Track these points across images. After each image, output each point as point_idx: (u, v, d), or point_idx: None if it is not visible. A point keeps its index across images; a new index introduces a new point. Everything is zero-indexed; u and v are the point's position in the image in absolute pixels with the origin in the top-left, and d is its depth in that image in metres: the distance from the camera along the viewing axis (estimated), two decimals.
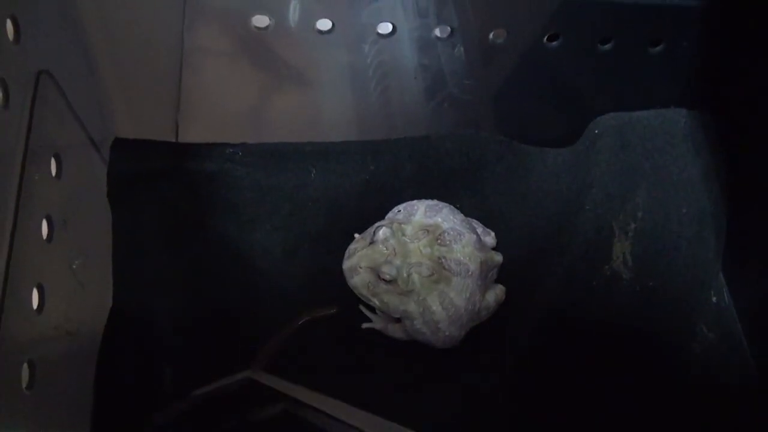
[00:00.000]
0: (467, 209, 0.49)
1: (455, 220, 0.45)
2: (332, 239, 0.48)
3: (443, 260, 0.42)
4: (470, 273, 0.43)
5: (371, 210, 0.48)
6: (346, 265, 0.43)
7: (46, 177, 0.35)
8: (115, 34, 0.44)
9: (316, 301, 0.46)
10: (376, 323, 0.46)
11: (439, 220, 0.44)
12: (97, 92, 0.45)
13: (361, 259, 0.42)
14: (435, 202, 0.47)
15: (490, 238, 0.48)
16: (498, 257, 0.46)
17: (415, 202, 0.47)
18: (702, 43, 0.49)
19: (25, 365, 0.30)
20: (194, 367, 0.43)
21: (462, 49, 0.49)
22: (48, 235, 0.35)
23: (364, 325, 0.46)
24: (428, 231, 0.43)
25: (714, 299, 0.50)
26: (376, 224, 0.44)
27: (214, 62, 0.48)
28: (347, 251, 0.44)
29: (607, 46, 0.49)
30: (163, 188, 0.46)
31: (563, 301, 0.47)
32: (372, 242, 0.42)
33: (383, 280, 0.42)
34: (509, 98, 0.53)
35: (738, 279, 0.50)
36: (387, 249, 0.42)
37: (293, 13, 0.44)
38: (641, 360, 0.46)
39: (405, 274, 0.41)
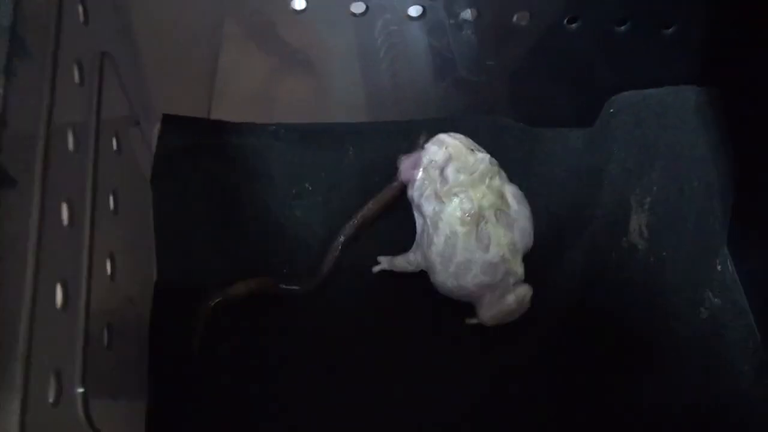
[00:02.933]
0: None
1: (517, 225, 0.46)
2: None
3: (482, 222, 0.44)
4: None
5: None
6: (441, 136, 0.45)
7: (111, 153, 0.37)
8: (159, 19, 0.45)
9: (354, 268, 0.49)
10: (384, 263, 0.48)
11: (516, 208, 0.47)
12: (142, 73, 0.46)
13: (454, 145, 0.44)
14: None
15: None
16: (520, 270, 0.47)
17: None
18: (712, 24, 0.52)
19: (106, 328, 0.33)
20: (235, 330, 0.46)
21: (486, 31, 0.51)
22: (114, 207, 0.36)
23: (375, 269, 0.49)
24: (502, 199, 0.45)
25: (719, 267, 0.53)
26: None
27: (250, 45, 0.50)
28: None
29: (623, 28, 0.51)
30: (207, 163, 0.48)
31: (586, 273, 0.50)
32: (472, 151, 0.45)
33: (442, 171, 0.44)
34: (526, 80, 0.56)
35: (741, 249, 0.53)
36: (473, 163, 0.44)
37: None
38: (654, 323, 0.50)
39: (455, 190, 0.44)
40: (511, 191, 0.47)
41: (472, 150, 0.45)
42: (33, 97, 0.27)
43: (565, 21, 0.50)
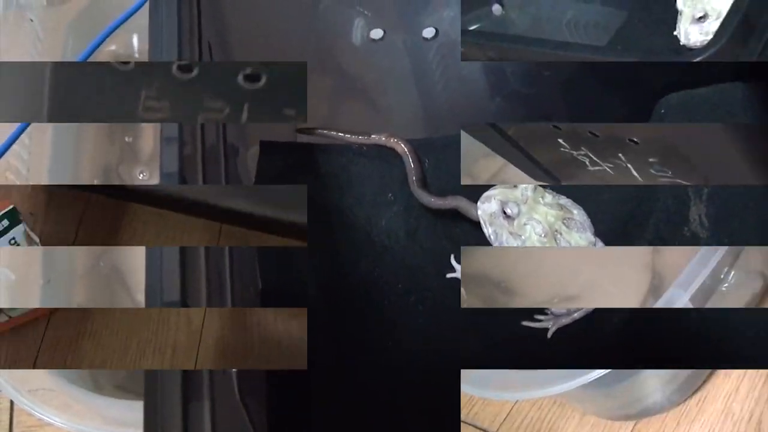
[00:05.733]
0: (558, 190, 0.55)
1: (586, 224, 0.50)
2: (445, 220, 0.55)
3: (557, 235, 0.49)
4: None
5: (477, 195, 0.54)
6: (484, 194, 0.50)
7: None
8: (252, 55, 0.52)
9: (436, 271, 0.54)
10: (459, 273, 0.52)
11: (575, 212, 0.50)
12: None
13: (499, 193, 0.49)
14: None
15: None
16: None
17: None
18: None
19: None
20: (334, 326, 0.50)
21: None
22: None
23: (448, 275, 0.53)
24: (562, 209, 0.49)
25: None
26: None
27: (330, 73, 0.56)
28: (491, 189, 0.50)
29: None
30: (301, 182, 0.53)
31: None
32: (514, 187, 0.49)
33: (504, 213, 0.48)
34: (577, 86, 0.60)
35: None
36: (521, 195, 0.49)
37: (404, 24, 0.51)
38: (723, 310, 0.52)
39: (523, 221, 0.48)
40: (563, 201, 0.51)
41: (513, 186, 0.50)
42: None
43: None
